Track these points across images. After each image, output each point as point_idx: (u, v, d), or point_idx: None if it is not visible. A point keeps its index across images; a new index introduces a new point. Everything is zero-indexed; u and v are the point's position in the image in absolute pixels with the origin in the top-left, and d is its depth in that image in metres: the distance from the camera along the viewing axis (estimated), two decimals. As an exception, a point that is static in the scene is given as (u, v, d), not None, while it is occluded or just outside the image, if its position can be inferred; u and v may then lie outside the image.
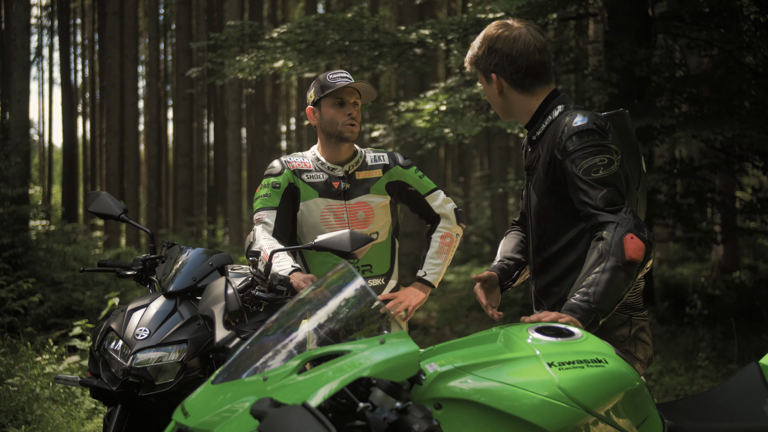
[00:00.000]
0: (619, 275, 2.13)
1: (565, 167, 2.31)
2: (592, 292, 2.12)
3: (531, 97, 2.48)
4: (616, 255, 2.14)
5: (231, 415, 1.70)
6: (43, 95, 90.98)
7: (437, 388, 1.78)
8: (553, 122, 2.41)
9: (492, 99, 2.55)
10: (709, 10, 7.86)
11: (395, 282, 3.37)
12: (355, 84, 3.18)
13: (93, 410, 5.38)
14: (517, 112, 2.51)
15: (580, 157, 2.28)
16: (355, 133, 3.20)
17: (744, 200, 9.43)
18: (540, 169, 2.42)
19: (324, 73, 3.25)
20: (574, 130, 2.30)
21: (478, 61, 2.51)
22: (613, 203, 2.23)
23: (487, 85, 2.52)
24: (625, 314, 2.37)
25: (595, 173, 2.26)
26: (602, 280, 2.12)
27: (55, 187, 32.17)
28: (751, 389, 2.14)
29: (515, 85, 2.46)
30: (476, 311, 12.55)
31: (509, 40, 2.43)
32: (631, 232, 2.15)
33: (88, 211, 3.18)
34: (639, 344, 2.39)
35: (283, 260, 2.89)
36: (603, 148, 2.27)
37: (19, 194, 9.05)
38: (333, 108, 3.18)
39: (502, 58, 2.44)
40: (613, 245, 2.15)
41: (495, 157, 20.92)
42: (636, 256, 2.14)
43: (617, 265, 2.13)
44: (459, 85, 9.86)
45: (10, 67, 9.98)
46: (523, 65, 2.43)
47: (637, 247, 2.14)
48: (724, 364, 7.09)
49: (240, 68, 9.32)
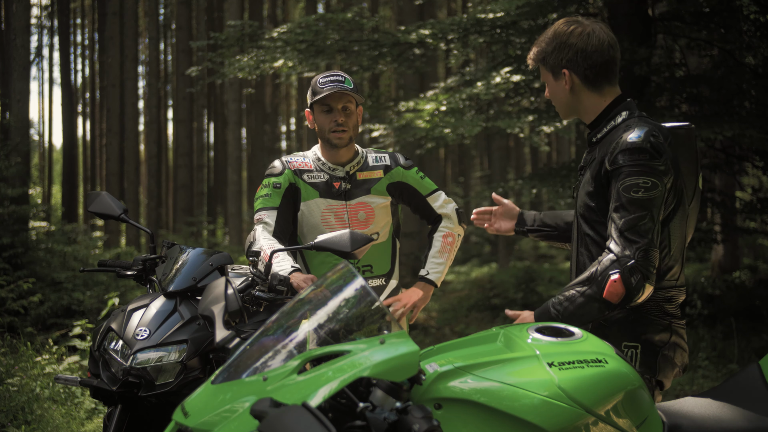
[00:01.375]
0: (592, 305, 2.25)
1: (611, 179, 2.34)
2: (564, 307, 2.28)
3: (600, 97, 2.48)
4: (598, 287, 2.23)
5: (231, 415, 1.70)
6: (43, 95, 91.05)
7: (437, 388, 1.78)
8: (615, 128, 2.42)
9: (558, 96, 2.52)
10: (709, 10, 7.85)
11: (396, 282, 3.37)
12: (339, 90, 3.11)
13: (93, 410, 5.38)
14: (583, 111, 2.51)
15: (626, 173, 2.28)
16: (343, 139, 3.17)
17: (744, 200, 9.43)
18: (591, 170, 2.44)
19: (319, 75, 3.23)
20: (627, 146, 2.30)
21: (547, 57, 2.49)
22: (636, 231, 2.24)
23: (554, 82, 2.50)
24: (666, 320, 2.40)
25: (634, 193, 2.27)
26: (577, 302, 2.26)
27: (55, 187, 32.17)
28: (751, 389, 2.14)
29: (587, 82, 2.46)
30: (476, 311, 12.55)
31: (584, 35, 2.43)
32: (620, 274, 2.21)
33: (88, 211, 3.18)
34: (678, 350, 2.42)
35: (283, 260, 2.89)
36: (650, 170, 2.28)
37: (19, 194, 9.05)
38: (321, 114, 3.18)
39: (576, 53, 2.43)
40: (600, 277, 2.24)
41: (495, 157, 20.90)
42: (610, 298, 2.22)
43: (594, 296, 2.24)
44: (459, 85, 9.85)
45: (10, 67, 9.98)
46: (598, 62, 2.43)
47: (615, 291, 2.21)
48: (724, 364, 7.09)
49: (240, 68, 9.31)
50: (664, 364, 2.38)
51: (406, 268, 12.37)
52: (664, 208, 2.33)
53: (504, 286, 13.60)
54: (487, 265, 21.12)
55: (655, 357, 2.37)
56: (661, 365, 2.37)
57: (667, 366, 2.39)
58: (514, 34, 8.69)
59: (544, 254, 21.32)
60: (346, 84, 3.15)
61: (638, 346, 2.37)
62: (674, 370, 2.42)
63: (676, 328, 2.41)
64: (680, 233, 2.41)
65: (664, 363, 2.38)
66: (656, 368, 2.37)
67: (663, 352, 2.38)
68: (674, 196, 2.36)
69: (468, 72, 10.22)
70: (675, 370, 2.42)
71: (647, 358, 2.36)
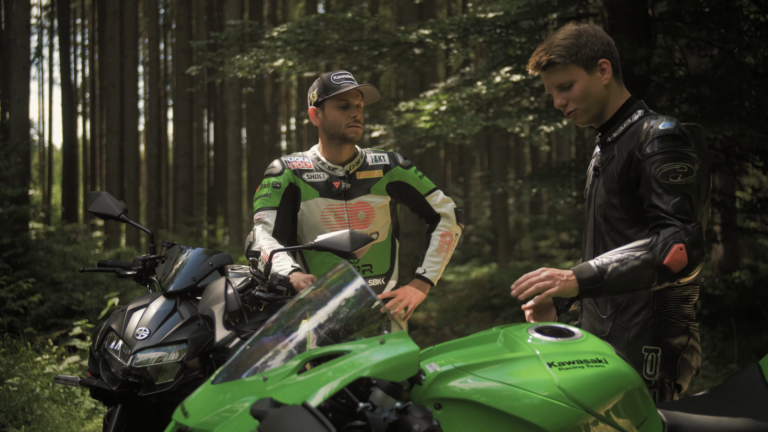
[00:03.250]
0: (647, 271, 2.15)
1: (643, 168, 2.29)
2: (613, 268, 2.15)
3: (621, 92, 2.46)
4: (657, 254, 2.15)
5: (231, 415, 1.70)
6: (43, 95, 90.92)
7: (437, 388, 1.78)
8: (633, 125, 2.39)
9: (592, 91, 2.43)
10: (709, 10, 7.85)
11: (395, 282, 3.37)
12: (362, 87, 3.19)
13: (93, 410, 5.38)
14: (609, 108, 2.46)
15: (661, 160, 2.26)
16: (358, 134, 3.21)
17: (744, 200, 9.42)
18: (613, 168, 2.40)
19: (327, 73, 3.26)
20: (660, 133, 2.28)
21: (580, 50, 2.39)
22: (685, 212, 2.22)
23: (588, 76, 2.41)
24: (684, 323, 2.38)
25: (673, 179, 2.24)
26: (631, 264, 2.15)
27: (55, 187, 32.15)
28: (751, 389, 2.14)
29: (617, 75, 2.43)
30: (476, 311, 12.56)
31: (599, 30, 2.41)
32: (684, 243, 2.16)
33: (88, 211, 3.18)
34: (694, 353, 2.41)
35: (283, 260, 2.89)
36: (685, 156, 2.26)
37: (19, 194, 9.05)
38: (337, 110, 3.19)
39: (608, 44, 2.40)
40: (661, 244, 2.16)
41: (495, 157, 20.89)
42: (672, 266, 2.15)
43: (653, 263, 2.15)
44: (459, 84, 9.85)
45: (10, 67, 9.98)
46: (617, 56, 2.43)
47: (679, 258, 2.15)
48: (724, 364, 7.09)
49: (239, 67, 9.31)
50: (683, 367, 2.37)
51: (406, 268, 12.36)
52: None
53: (504, 286, 13.60)
54: (487, 265, 21.13)
55: (675, 361, 2.35)
56: (681, 369, 2.36)
57: (686, 369, 2.38)
58: (514, 34, 8.69)
59: (544, 254, 21.32)
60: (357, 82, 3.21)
61: (659, 349, 2.35)
62: (691, 373, 2.40)
63: (692, 331, 2.40)
64: None
65: (683, 366, 2.37)
66: (676, 372, 2.35)
67: (682, 356, 2.37)
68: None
69: (468, 72, 10.22)
70: (692, 372, 2.41)
71: (667, 362, 2.35)
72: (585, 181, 2.76)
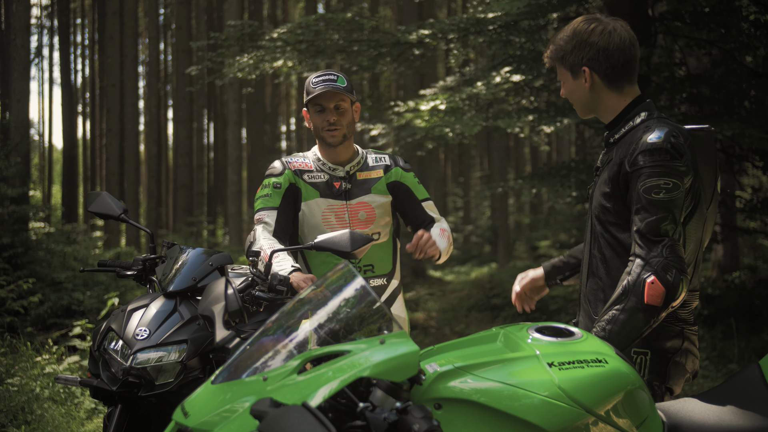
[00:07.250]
0: (637, 317, 2.17)
1: (630, 181, 2.30)
2: (609, 330, 2.18)
3: (620, 96, 2.45)
4: (636, 296, 2.17)
5: (231, 415, 1.70)
6: (43, 95, 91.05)
7: (437, 388, 1.78)
8: (633, 129, 2.39)
9: (577, 94, 2.48)
10: (709, 10, 7.85)
11: (397, 282, 3.36)
12: (328, 91, 3.10)
13: (93, 410, 5.38)
14: (603, 111, 2.48)
15: (646, 174, 2.25)
16: (336, 138, 3.17)
17: (744, 200, 9.42)
18: (608, 171, 2.40)
19: (312, 74, 3.23)
20: (647, 146, 2.27)
21: (566, 55, 2.44)
22: (657, 232, 2.21)
23: (573, 80, 2.46)
24: (678, 326, 2.37)
25: (656, 194, 2.23)
26: (620, 319, 2.18)
27: (55, 187, 32.15)
28: (751, 389, 2.13)
29: (608, 81, 2.43)
30: (476, 311, 12.56)
31: (605, 34, 2.39)
32: (655, 274, 2.16)
33: (88, 211, 3.18)
34: (689, 356, 2.39)
35: (283, 260, 2.89)
36: (671, 171, 2.24)
37: (19, 194, 9.05)
38: (315, 114, 3.19)
39: (597, 52, 2.39)
40: (635, 285, 2.18)
41: (495, 157, 20.88)
42: (654, 302, 2.16)
43: (636, 306, 2.17)
44: (459, 84, 9.85)
45: (10, 67, 9.98)
46: (619, 61, 2.40)
47: (656, 293, 2.15)
48: (724, 364, 7.09)
49: (239, 68, 9.31)
50: (675, 370, 2.35)
51: (407, 269, 12.37)
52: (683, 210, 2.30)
53: (504, 286, 13.59)
54: (487, 265, 21.14)
55: (665, 364, 2.34)
56: (672, 372, 2.35)
57: (678, 373, 2.36)
58: (514, 34, 8.69)
59: (543, 254, 21.32)
60: (338, 82, 3.14)
61: (648, 352, 2.34)
62: (685, 377, 2.39)
63: (688, 334, 2.38)
64: (696, 236, 2.38)
65: (674, 370, 2.35)
66: (666, 375, 2.34)
67: (674, 359, 2.35)
68: (692, 198, 2.32)
69: (468, 72, 10.21)
70: (686, 376, 2.39)
71: (657, 365, 2.34)
72: (587, 180, 2.76)
